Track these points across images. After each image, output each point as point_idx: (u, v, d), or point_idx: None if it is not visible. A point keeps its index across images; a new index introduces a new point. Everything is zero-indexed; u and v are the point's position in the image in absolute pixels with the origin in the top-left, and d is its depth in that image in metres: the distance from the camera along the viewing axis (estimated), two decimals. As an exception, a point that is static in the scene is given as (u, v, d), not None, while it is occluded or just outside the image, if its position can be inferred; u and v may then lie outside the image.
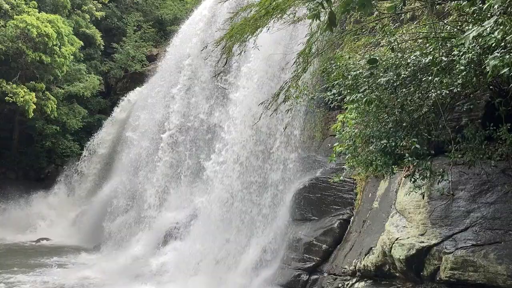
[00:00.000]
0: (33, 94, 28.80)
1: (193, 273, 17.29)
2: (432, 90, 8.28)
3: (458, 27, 8.77)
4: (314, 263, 13.73)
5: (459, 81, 8.06)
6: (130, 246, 21.36)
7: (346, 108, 10.17)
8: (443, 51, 8.21)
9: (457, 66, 7.86)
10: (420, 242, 9.52)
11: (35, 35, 28.16)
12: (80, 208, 29.55)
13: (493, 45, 6.18)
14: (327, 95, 10.00)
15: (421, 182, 9.16)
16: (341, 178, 12.88)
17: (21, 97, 28.04)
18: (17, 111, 30.00)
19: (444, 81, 8.14)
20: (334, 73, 9.77)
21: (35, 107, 28.69)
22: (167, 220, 21.30)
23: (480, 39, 6.73)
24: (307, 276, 13.63)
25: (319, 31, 9.02)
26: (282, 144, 17.49)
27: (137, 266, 19.07)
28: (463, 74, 7.89)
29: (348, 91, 9.23)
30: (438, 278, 9.16)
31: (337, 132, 10.71)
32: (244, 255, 16.39)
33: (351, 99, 9.03)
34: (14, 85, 28.59)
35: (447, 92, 8.18)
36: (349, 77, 9.21)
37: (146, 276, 18.15)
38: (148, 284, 17.32)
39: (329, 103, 10.27)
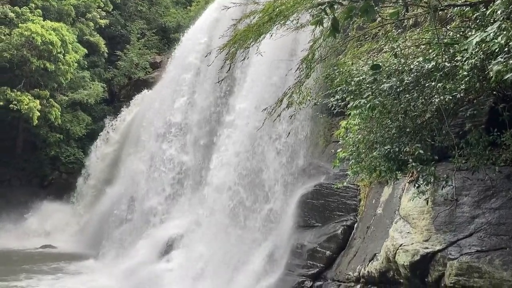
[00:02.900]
0: (37, 101, 28.96)
1: (196, 280, 17.26)
2: (435, 96, 8.27)
3: (461, 33, 8.78)
4: (318, 269, 13.68)
5: (463, 87, 8.05)
6: (134, 253, 21.35)
7: (350, 114, 10.18)
8: (446, 56, 8.21)
9: (460, 72, 7.86)
10: (425, 248, 9.46)
11: (39, 43, 28.35)
12: (84, 215, 29.60)
13: (496, 50, 6.18)
14: (331, 101, 10.00)
15: (425, 187, 9.12)
16: (345, 184, 12.87)
17: (26, 105, 28.20)
18: (21, 118, 30.12)
19: (447, 87, 8.13)
20: (337, 79, 9.78)
21: (39, 114, 28.83)
22: (171, 227, 21.30)
23: (483, 45, 6.72)
24: (311, 283, 13.58)
25: (322, 37, 9.05)
26: (285, 151, 17.51)
27: (141, 273, 19.04)
28: (466, 79, 7.88)
29: (352, 97, 9.23)
30: (443, 285, 9.09)
31: (340, 138, 10.71)
32: (248, 262, 16.36)
33: (354, 105, 9.01)
34: (19, 93, 28.76)
35: (450, 97, 8.16)
36: (352, 83, 9.21)
37: (150, 283, 18.13)
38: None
39: (332, 109, 10.27)
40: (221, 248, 17.75)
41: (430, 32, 9.21)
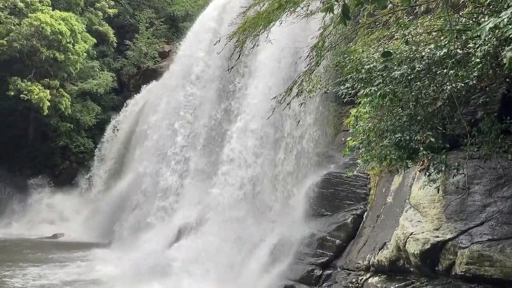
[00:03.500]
0: (48, 91, 29.12)
1: (207, 267, 17.36)
2: (447, 83, 8.17)
3: (474, 19, 8.63)
4: (327, 258, 13.70)
5: (475, 74, 7.95)
6: (144, 242, 21.49)
7: (360, 102, 10.10)
8: (458, 43, 8.09)
9: (473, 59, 7.75)
10: (435, 236, 9.43)
11: (49, 33, 28.43)
12: (95, 204, 29.82)
13: (510, 36, 6.07)
14: (341, 89, 9.93)
15: (436, 176, 9.06)
16: (355, 173, 12.81)
17: (36, 94, 28.36)
18: (32, 108, 30.30)
19: (459, 74, 8.04)
20: (348, 67, 9.69)
21: (49, 104, 29.01)
22: (181, 215, 21.39)
23: (496, 31, 6.61)
24: (321, 271, 13.61)
25: (332, 25, 8.96)
26: (294, 140, 17.48)
27: (150, 261, 19.18)
28: (478, 66, 7.77)
29: (362, 84, 9.14)
30: (453, 273, 9.07)
31: (350, 127, 10.63)
32: (257, 250, 16.42)
33: (364, 92, 8.94)
34: (29, 83, 28.91)
35: (462, 85, 8.07)
36: (363, 70, 9.12)
37: (159, 271, 18.26)
38: (162, 279, 17.42)
39: (342, 97, 10.19)
40: (231, 236, 17.82)
41: (442, 19, 9.08)
